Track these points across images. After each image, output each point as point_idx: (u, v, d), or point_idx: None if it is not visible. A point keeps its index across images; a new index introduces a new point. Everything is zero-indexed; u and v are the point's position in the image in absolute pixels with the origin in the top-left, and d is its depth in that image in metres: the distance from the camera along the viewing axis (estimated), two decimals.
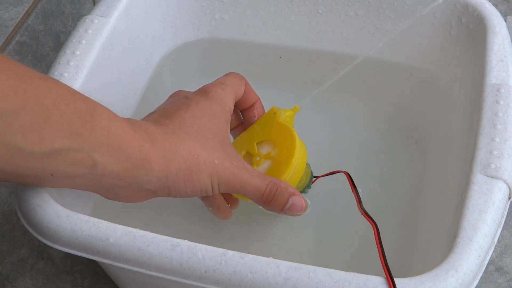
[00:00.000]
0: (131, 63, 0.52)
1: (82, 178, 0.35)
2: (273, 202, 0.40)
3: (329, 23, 0.56)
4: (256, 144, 0.45)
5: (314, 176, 0.47)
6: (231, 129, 0.47)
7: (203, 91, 0.42)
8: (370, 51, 0.56)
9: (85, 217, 0.36)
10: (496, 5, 0.49)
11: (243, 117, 0.47)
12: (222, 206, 0.44)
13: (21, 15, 0.55)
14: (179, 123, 0.39)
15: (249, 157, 0.45)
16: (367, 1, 0.54)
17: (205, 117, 0.40)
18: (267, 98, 0.57)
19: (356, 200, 0.41)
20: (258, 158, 0.44)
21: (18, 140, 0.31)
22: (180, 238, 0.35)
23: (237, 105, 0.45)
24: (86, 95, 0.36)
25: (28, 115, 0.31)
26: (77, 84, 0.44)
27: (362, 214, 0.40)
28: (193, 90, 0.43)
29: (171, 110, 0.40)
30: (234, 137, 0.48)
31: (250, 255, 0.34)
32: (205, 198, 0.44)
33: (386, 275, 0.33)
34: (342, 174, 0.45)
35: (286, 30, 0.57)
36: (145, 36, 0.53)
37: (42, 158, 0.32)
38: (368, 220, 0.39)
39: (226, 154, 0.40)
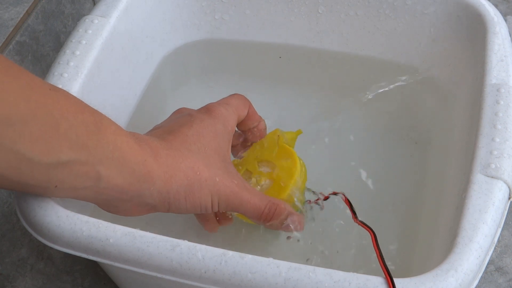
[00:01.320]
0: (131, 63, 0.52)
1: (86, 190, 0.35)
2: (271, 221, 0.41)
3: (329, 23, 0.56)
4: (257, 163, 0.45)
5: (308, 200, 0.46)
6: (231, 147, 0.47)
7: (207, 110, 0.42)
8: (369, 51, 0.56)
9: (85, 218, 0.36)
10: (496, 5, 0.49)
11: (245, 137, 0.47)
12: (211, 220, 0.44)
13: (21, 15, 0.55)
14: (182, 139, 0.39)
15: (248, 175, 0.45)
16: (367, 1, 0.53)
17: (208, 136, 0.40)
18: (267, 98, 0.57)
19: (352, 216, 0.41)
20: (258, 177, 0.45)
21: (27, 149, 0.31)
22: (180, 238, 0.35)
23: (240, 126, 0.46)
24: (86, 95, 0.36)
25: (37, 124, 0.31)
26: (77, 84, 0.43)
27: (359, 225, 0.40)
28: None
29: (175, 126, 0.41)
30: (234, 155, 0.48)
31: (250, 255, 0.34)
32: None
33: (386, 277, 0.33)
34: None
35: (286, 30, 0.57)
36: (145, 36, 0.53)
37: (49, 169, 0.32)
38: (365, 228, 0.38)
39: (227, 172, 0.40)
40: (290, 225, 0.41)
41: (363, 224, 0.39)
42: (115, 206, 0.37)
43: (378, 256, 0.35)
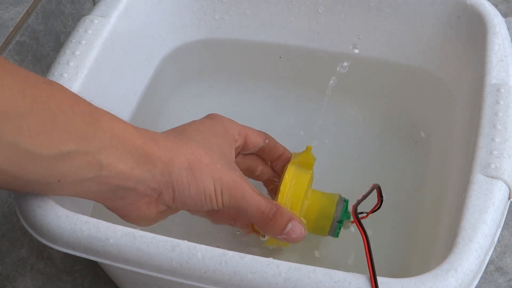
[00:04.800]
0: (131, 63, 0.52)
1: (89, 183, 0.35)
2: (273, 221, 0.40)
3: (329, 23, 0.56)
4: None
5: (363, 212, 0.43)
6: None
7: (208, 115, 0.43)
8: (369, 51, 0.56)
9: (85, 218, 0.36)
10: (496, 5, 0.49)
11: (273, 167, 0.48)
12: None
13: (21, 15, 0.55)
14: (181, 131, 0.41)
15: None
16: (368, 1, 0.53)
17: (207, 132, 0.41)
18: (267, 98, 0.57)
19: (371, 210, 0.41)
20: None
21: (27, 143, 0.31)
22: (180, 238, 0.35)
23: (263, 155, 0.46)
24: (86, 95, 0.37)
25: (35, 118, 0.32)
26: (76, 84, 0.44)
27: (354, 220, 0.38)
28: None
29: (173, 128, 0.42)
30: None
31: (250, 256, 0.34)
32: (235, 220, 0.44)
33: (370, 274, 0.33)
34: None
35: (286, 30, 0.57)
36: (145, 36, 0.53)
37: (51, 162, 0.33)
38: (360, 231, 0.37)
39: (229, 164, 0.40)
40: (291, 232, 0.40)
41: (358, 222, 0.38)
42: (121, 197, 0.37)
43: (367, 257, 0.35)
